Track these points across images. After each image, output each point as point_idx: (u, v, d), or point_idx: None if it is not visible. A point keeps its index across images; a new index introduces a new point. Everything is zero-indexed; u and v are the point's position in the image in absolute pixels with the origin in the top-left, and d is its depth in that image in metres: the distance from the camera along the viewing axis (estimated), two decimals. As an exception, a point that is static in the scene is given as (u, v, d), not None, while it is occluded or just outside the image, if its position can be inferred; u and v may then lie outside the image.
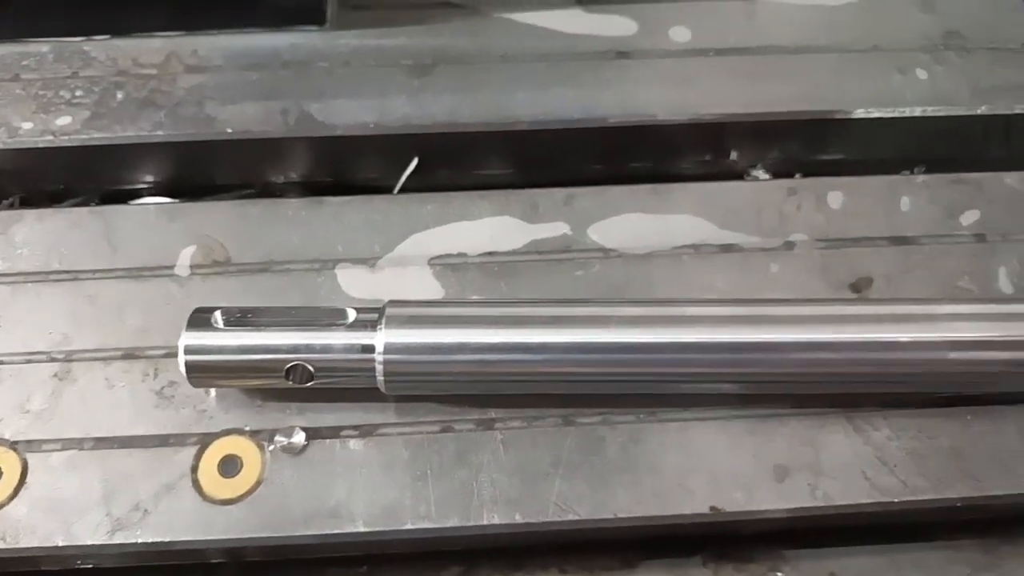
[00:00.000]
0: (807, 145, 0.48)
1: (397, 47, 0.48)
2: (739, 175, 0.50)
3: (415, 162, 0.47)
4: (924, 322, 0.37)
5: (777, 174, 0.50)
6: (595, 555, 0.43)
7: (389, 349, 0.35)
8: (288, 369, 0.36)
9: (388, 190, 0.49)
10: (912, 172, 0.49)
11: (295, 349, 0.36)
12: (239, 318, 0.37)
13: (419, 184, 0.48)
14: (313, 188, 0.50)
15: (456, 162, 0.48)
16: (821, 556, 0.42)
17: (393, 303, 0.37)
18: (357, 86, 0.46)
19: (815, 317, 0.36)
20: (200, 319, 0.37)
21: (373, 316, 0.36)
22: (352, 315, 0.36)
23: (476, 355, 0.36)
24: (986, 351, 0.36)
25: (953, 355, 0.36)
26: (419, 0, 0.49)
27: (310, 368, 0.36)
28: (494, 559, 0.42)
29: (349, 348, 0.35)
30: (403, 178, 0.48)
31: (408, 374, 0.36)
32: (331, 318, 0.36)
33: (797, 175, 0.50)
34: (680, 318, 0.36)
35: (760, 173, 0.49)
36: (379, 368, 0.35)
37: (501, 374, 0.36)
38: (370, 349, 0.35)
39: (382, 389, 0.36)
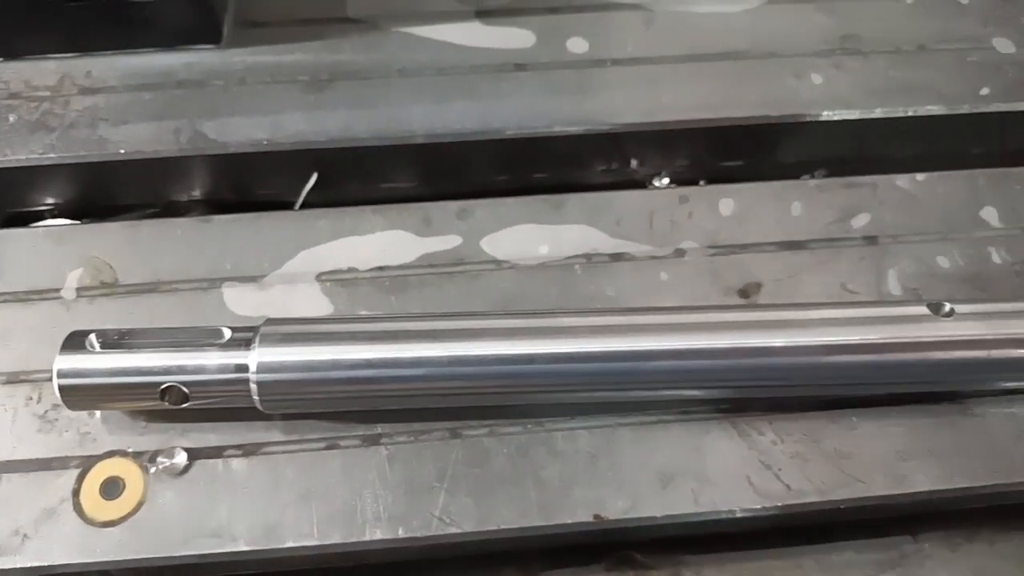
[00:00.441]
0: (707, 153, 0.49)
1: (293, 63, 0.47)
2: (642, 184, 0.50)
3: (315, 177, 0.47)
4: (799, 327, 0.37)
5: (681, 182, 0.50)
6: (498, 566, 0.43)
7: (262, 368, 0.35)
8: (163, 390, 0.36)
9: (291, 206, 0.49)
10: (812, 176, 0.50)
11: (169, 370, 0.35)
12: (116, 340, 0.37)
13: (323, 199, 0.48)
14: (216, 206, 0.49)
15: (357, 177, 0.48)
16: (724, 560, 0.43)
17: (270, 321, 0.37)
18: (252, 103, 0.46)
19: (690, 324, 0.36)
20: (75, 342, 0.36)
21: (249, 335, 0.36)
22: (228, 334, 0.36)
23: (351, 371, 0.35)
24: (862, 354, 0.37)
25: (828, 359, 0.37)
26: (317, 16, 0.49)
27: (184, 389, 0.36)
28: (398, 571, 0.42)
29: (223, 368, 0.35)
30: (303, 194, 0.48)
31: (284, 393, 0.36)
32: (207, 338, 0.36)
33: (701, 182, 0.51)
34: (555, 329, 0.36)
35: (662, 181, 0.50)
36: (253, 388, 0.35)
37: (377, 390, 0.36)
38: (244, 368, 0.35)
39: (259, 408, 0.36)
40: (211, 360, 0.35)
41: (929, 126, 0.48)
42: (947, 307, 0.38)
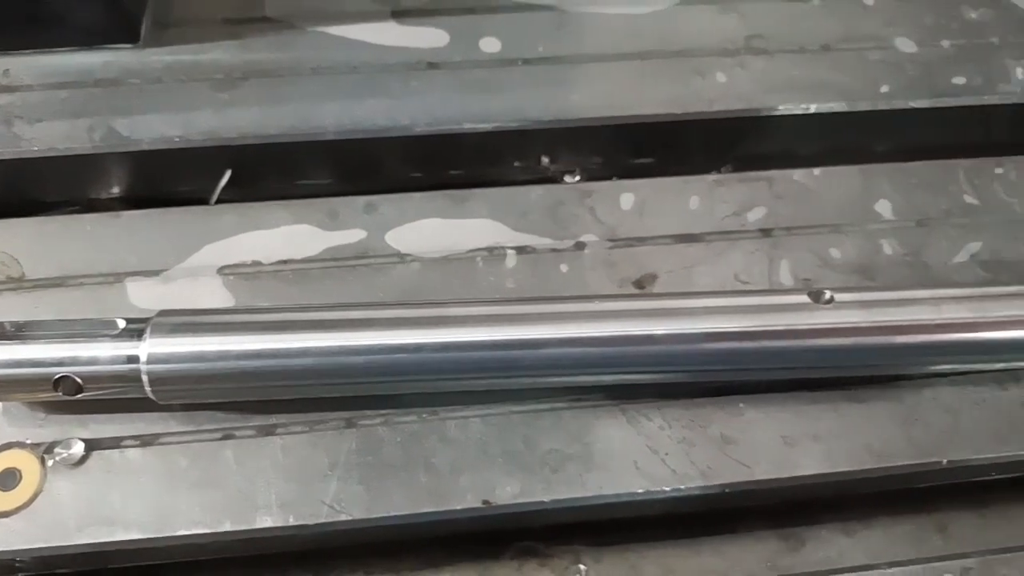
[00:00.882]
0: (616, 150, 0.50)
1: (210, 62, 0.48)
2: (554, 180, 0.51)
3: (228, 174, 0.48)
4: (684, 315, 0.38)
5: (594, 179, 0.52)
6: (402, 555, 0.44)
7: (152, 359, 0.36)
8: (56, 381, 0.36)
9: (208, 202, 0.50)
10: (720, 171, 0.51)
11: (62, 361, 0.36)
12: (12, 332, 0.37)
13: (239, 196, 0.49)
14: (136, 203, 0.50)
15: (270, 173, 0.48)
16: (623, 550, 0.44)
17: (163, 313, 0.38)
18: (166, 101, 0.47)
19: (576, 313, 0.37)
20: (-29, 335, 0.37)
21: (142, 326, 0.37)
22: (121, 325, 0.37)
23: (240, 362, 0.36)
24: (743, 341, 0.38)
25: (710, 346, 0.38)
26: (235, 16, 0.50)
27: (78, 380, 0.36)
28: (301, 563, 0.43)
29: (115, 359, 0.36)
30: (218, 190, 0.48)
31: (174, 383, 0.36)
32: (101, 329, 0.37)
33: (614, 178, 0.52)
34: (444, 318, 0.37)
35: (575, 178, 0.51)
36: (144, 378, 0.36)
37: (267, 380, 0.37)
38: (135, 359, 0.36)
39: (153, 398, 0.37)
40: (103, 351, 0.36)
41: (830, 122, 0.50)
42: (827, 295, 0.39)
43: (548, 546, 0.43)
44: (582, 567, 0.43)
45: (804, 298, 0.39)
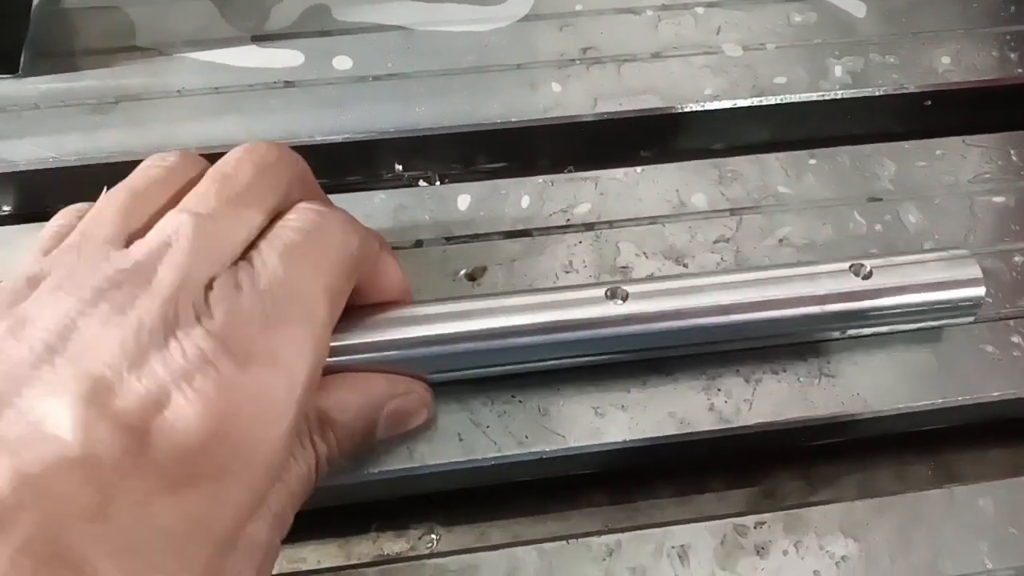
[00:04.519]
0: (463, 157, 0.55)
1: (84, 88, 0.53)
2: (409, 184, 0.56)
3: (105, 190, 0.52)
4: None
5: (447, 183, 0.56)
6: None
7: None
8: None
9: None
10: (564, 172, 0.56)
11: None
12: None
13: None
14: (21, 218, 0.54)
15: (143, 188, 0.53)
16: (474, 517, 0.48)
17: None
18: (42, 126, 0.51)
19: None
20: None
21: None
22: None
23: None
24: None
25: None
26: (108, 46, 0.54)
27: None
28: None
29: None
30: (97, 205, 0.53)
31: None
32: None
33: (468, 181, 0.57)
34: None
35: (431, 183, 0.56)
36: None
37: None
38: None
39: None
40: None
41: (656, 124, 0.55)
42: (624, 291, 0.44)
43: (403, 516, 0.47)
44: (434, 537, 0.48)
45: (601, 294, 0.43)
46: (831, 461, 0.51)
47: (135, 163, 0.51)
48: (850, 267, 0.43)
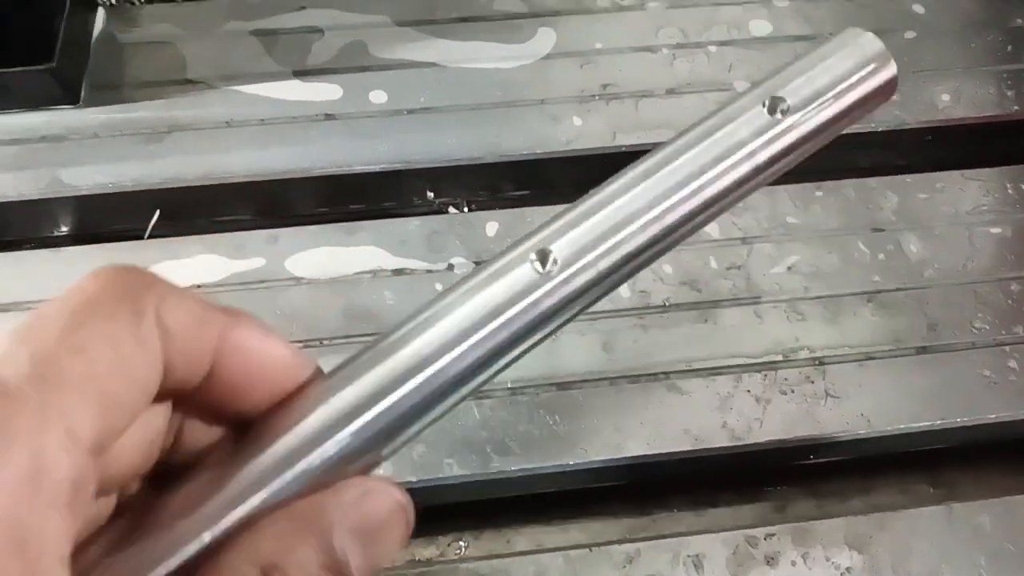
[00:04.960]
0: (491, 186, 0.58)
1: (139, 119, 0.57)
2: (440, 211, 0.59)
3: (157, 213, 0.56)
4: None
5: (476, 210, 0.60)
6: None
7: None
8: None
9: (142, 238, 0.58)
10: (584, 200, 0.59)
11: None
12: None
13: (170, 232, 0.57)
14: (81, 240, 0.58)
15: (192, 213, 0.57)
16: (500, 526, 0.51)
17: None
18: (101, 154, 0.55)
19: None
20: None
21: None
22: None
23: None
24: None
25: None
26: (161, 79, 0.59)
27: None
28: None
29: None
30: (149, 227, 0.56)
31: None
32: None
33: (496, 208, 0.60)
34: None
35: (458, 210, 0.59)
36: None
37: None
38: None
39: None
40: None
41: (672, 157, 0.58)
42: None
43: (431, 523, 0.50)
44: (462, 544, 0.51)
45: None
46: (837, 477, 0.54)
47: (187, 189, 0.56)
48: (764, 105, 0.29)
